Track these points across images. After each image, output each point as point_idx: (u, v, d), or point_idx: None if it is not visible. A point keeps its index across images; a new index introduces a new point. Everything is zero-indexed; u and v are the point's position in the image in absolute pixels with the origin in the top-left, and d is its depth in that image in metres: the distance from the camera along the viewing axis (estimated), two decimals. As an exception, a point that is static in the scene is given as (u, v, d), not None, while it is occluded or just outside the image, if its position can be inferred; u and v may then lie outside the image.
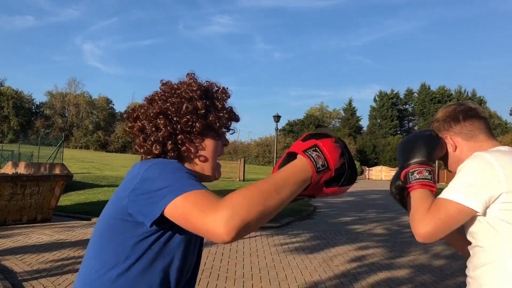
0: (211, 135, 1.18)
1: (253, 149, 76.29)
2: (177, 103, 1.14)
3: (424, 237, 1.24)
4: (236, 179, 26.61)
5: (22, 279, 4.92)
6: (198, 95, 1.16)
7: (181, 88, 1.17)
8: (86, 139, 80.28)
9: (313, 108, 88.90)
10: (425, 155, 1.40)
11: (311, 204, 14.56)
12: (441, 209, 1.23)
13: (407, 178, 1.38)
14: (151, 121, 1.14)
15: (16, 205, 8.78)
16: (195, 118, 1.14)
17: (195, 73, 1.23)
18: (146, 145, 1.14)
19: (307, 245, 7.46)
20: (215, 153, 1.20)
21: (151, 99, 1.18)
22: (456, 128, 1.45)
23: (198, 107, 1.14)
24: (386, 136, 74.31)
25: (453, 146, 1.45)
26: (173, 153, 1.13)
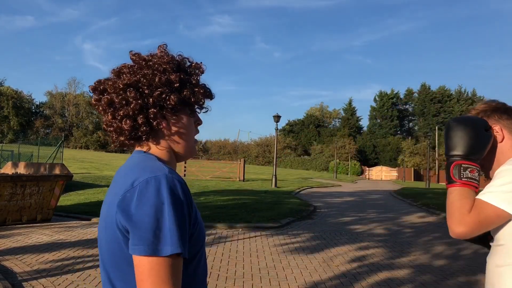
0: (185, 111, 1.12)
1: (253, 149, 76.27)
2: (149, 75, 1.06)
3: (460, 235, 1.26)
4: (236, 179, 26.59)
5: (22, 279, 4.91)
6: (171, 67, 1.09)
7: (153, 60, 1.09)
8: (86, 139, 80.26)
9: (313, 108, 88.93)
10: (481, 153, 1.37)
11: (311, 204, 14.56)
12: (482, 212, 1.25)
13: (458, 171, 1.34)
14: (120, 94, 1.05)
15: (16, 205, 8.77)
16: (168, 91, 1.07)
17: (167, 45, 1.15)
18: (115, 121, 1.07)
19: (307, 245, 7.45)
20: (190, 130, 1.14)
21: (119, 71, 1.09)
22: (506, 121, 1.43)
23: (172, 80, 1.07)
24: (386, 136, 74.29)
25: (501, 136, 1.42)
26: (144, 128, 1.06)
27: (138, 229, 0.92)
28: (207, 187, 19.52)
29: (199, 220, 1.08)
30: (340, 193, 22.58)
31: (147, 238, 0.91)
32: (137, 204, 0.94)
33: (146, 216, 0.92)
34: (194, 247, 1.04)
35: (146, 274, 0.91)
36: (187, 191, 1.00)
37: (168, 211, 0.93)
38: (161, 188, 0.95)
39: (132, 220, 0.93)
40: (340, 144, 62.89)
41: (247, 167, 37.91)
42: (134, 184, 0.96)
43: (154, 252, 0.91)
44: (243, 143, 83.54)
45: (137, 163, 1.06)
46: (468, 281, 5.44)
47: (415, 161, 60.99)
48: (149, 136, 1.09)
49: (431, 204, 15.28)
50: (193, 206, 1.03)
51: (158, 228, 0.91)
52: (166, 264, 0.91)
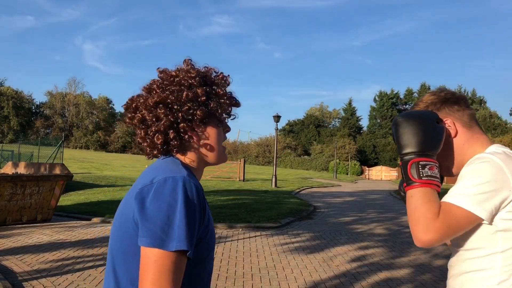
0: (213, 122, 1.17)
1: (253, 149, 76.26)
2: (176, 91, 1.12)
3: (428, 244, 1.13)
4: (236, 179, 26.59)
5: (22, 279, 4.91)
6: (198, 81, 1.13)
7: (179, 76, 1.14)
8: (86, 139, 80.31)
9: (313, 108, 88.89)
10: (437, 147, 1.23)
11: (311, 204, 14.56)
12: (451, 217, 1.13)
13: (416, 170, 1.20)
14: (151, 111, 1.11)
15: (16, 205, 8.78)
16: (196, 105, 1.12)
17: (192, 59, 1.20)
18: (148, 137, 1.13)
19: (307, 245, 7.45)
20: (218, 140, 1.19)
21: (149, 88, 1.15)
22: (457, 113, 1.31)
23: (198, 94, 1.12)
24: (386, 136, 74.25)
25: (454, 131, 1.30)
26: (176, 142, 1.12)
27: (149, 222, 0.98)
28: (207, 187, 19.52)
29: (211, 228, 1.12)
30: (340, 193, 22.58)
31: (156, 232, 0.96)
32: (152, 199, 0.99)
33: (158, 211, 0.98)
34: (202, 252, 1.08)
35: (150, 266, 0.95)
36: (202, 196, 1.05)
37: (180, 210, 0.97)
38: (177, 188, 1.00)
39: (144, 213, 0.99)
40: (340, 144, 62.87)
41: (247, 167, 37.91)
42: (153, 181, 1.03)
43: (160, 246, 0.95)
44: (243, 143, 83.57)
45: (161, 164, 1.12)
46: (468, 281, 5.44)
47: (415, 161, 60.91)
48: (179, 148, 1.15)
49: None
50: (207, 212, 1.08)
51: (168, 224, 0.96)
52: (169, 258, 0.96)
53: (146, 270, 0.96)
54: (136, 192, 1.03)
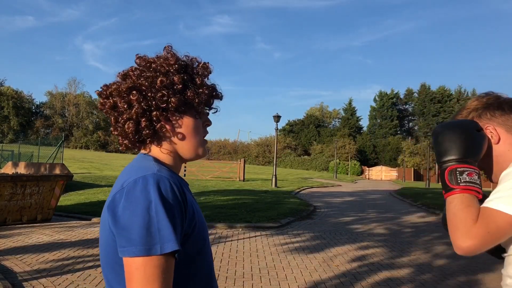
0: (190, 113, 1.10)
1: (253, 149, 76.30)
2: (151, 77, 1.06)
3: (468, 251, 1.07)
4: (236, 179, 26.58)
5: (22, 279, 4.91)
6: (175, 69, 1.08)
7: (157, 62, 1.08)
8: (86, 139, 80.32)
9: (313, 108, 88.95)
10: (477, 154, 1.20)
11: (311, 204, 14.56)
12: (490, 222, 1.07)
13: (454, 177, 1.16)
14: (123, 98, 1.06)
15: (16, 205, 8.77)
16: (171, 93, 1.06)
17: (172, 46, 1.14)
18: (118, 124, 1.07)
19: (307, 245, 7.45)
20: (195, 131, 1.12)
21: (125, 75, 1.09)
22: (500, 118, 1.25)
23: (174, 81, 1.06)
24: (386, 136, 74.28)
25: (497, 137, 1.24)
26: (147, 131, 1.06)
27: (124, 230, 0.91)
28: (207, 187, 19.51)
29: (198, 220, 1.05)
30: (340, 193, 22.58)
31: (134, 239, 0.90)
32: (124, 205, 0.93)
33: (132, 216, 0.91)
34: (191, 249, 1.02)
35: (134, 275, 0.90)
36: (179, 189, 0.98)
37: (155, 210, 0.91)
38: (148, 186, 0.93)
39: (118, 222, 0.93)
40: (340, 144, 62.88)
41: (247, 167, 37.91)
42: (124, 185, 0.96)
43: (142, 252, 0.89)
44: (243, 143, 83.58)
45: (133, 164, 1.06)
46: (468, 280, 5.44)
47: (415, 161, 61.01)
48: (153, 139, 1.09)
49: (431, 204, 15.28)
50: (189, 205, 1.01)
51: (145, 228, 0.90)
52: (154, 263, 0.90)
53: (131, 280, 0.90)
54: (108, 202, 0.98)
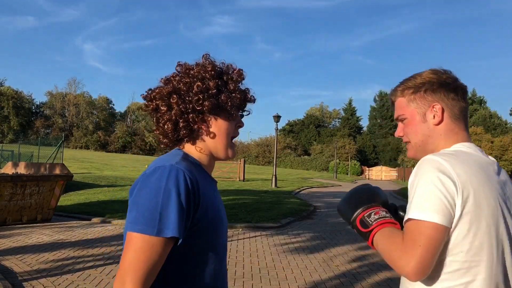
0: (223, 115, 1.20)
1: (253, 149, 76.26)
2: (189, 83, 1.17)
3: (415, 272, 1.03)
4: (236, 179, 26.59)
5: (22, 279, 4.92)
6: (211, 75, 1.18)
7: (195, 69, 1.20)
8: (86, 139, 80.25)
9: (313, 108, 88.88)
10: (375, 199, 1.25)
11: (311, 204, 14.57)
12: (416, 235, 1.04)
13: (365, 222, 1.19)
14: (164, 101, 1.17)
15: (16, 205, 8.78)
16: (206, 97, 1.16)
17: (210, 54, 1.25)
18: (160, 125, 1.19)
19: (307, 245, 7.45)
20: (227, 132, 1.22)
21: (167, 80, 1.22)
22: (451, 102, 1.23)
23: (209, 86, 1.17)
24: (386, 136, 74.26)
25: (439, 119, 1.22)
26: (185, 131, 1.17)
27: (133, 209, 1.04)
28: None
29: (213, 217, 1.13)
30: (340, 193, 22.58)
31: (138, 218, 1.01)
32: (139, 187, 1.05)
33: (142, 198, 1.03)
34: (199, 239, 1.10)
35: (128, 248, 1.00)
36: (192, 182, 1.06)
37: (163, 196, 1.01)
38: (163, 175, 1.04)
39: (131, 200, 1.06)
40: (340, 144, 62.88)
41: (247, 167, 37.88)
42: (146, 171, 1.09)
43: (141, 230, 0.99)
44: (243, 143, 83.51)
45: (163, 156, 1.18)
46: (468, 281, 5.44)
47: (415, 161, 60.92)
48: (189, 138, 1.21)
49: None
50: (203, 199, 1.09)
51: (151, 210, 1.00)
52: (148, 243, 0.99)
53: (125, 253, 1.00)
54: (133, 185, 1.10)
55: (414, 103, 1.27)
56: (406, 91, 1.29)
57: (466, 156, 1.16)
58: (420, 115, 1.25)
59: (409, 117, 1.28)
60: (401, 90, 1.31)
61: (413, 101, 1.27)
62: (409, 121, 1.28)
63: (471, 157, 1.17)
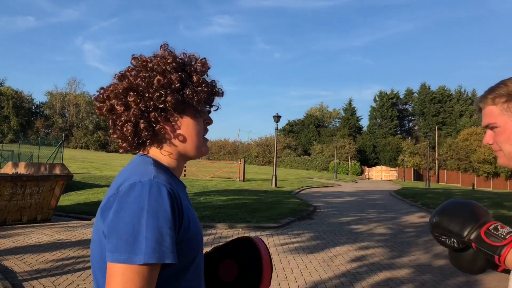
0: (190, 112, 1.07)
1: (253, 149, 76.27)
2: (148, 77, 1.03)
3: None
4: (236, 179, 26.58)
5: (22, 279, 4.91)
6: (173, 67, 1.04)
7: (153, 61, 1.05)
8: (86, 139, 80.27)
9: (313, 108, 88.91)
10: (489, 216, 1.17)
11: (311, 204, 14.56)
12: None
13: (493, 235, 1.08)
14: (120, 99, 1.03)
15: (16, 205, 8.78)
16: (169, 92, 1.03)
17: (168, 44, 1.11)
18: (117, 127, 1.04)
19: (307, 245, 7.45)
20: (196, 130, 1.09)
21: (122, 75, 1.07)
22: None
23: (172, 80, 1.03)
24: (386, 136, 74.24)
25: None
26: (146, 133, 1.03)
27: (113, 236, 0.90)
28: (207, 187, 19.51)
29: (193, 230, 1.02)
30: (340, 193, 22.57)
31: (120, 245, 0.88)
32: (116, 210, 0.91)
33: (122, 223, 0.90)
34: (186, 255, 1.00)
35: (112, 279, 0.88)
36: (175, 197, 0.96)
37: (146, 219, 0.89)
38: (142, 194, 0.91)
39: (109, 226, 0.91)
40: (340, 144, 62.87)
41: (247, 167, 37.89)
42: (119, 189, 0.95)
43: (126, 260, 0.87)
44: (243, 143, 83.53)
45: (131, 166, 1.04)
46: (467, 281, 5.44)
47: (415, 161, 60.98)
48: (152, 141, 1.07)
49: (431, 204, 15.28)
50: (184, 212, 0.98)
51: (133, 236, 0.88)
52: (137, 272, 0.88)
53: (109, 286, 0.88)
54: (102, 204, 0.97)
55: (507, 112, 1.24)
56: (497, 99, 1.26)
57: None
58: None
59: (502, 126, 1.25)
60: (492, 98, 1.28)
61: (507, 110, 1.24)
62: (501, 130, 1.25)
63: None
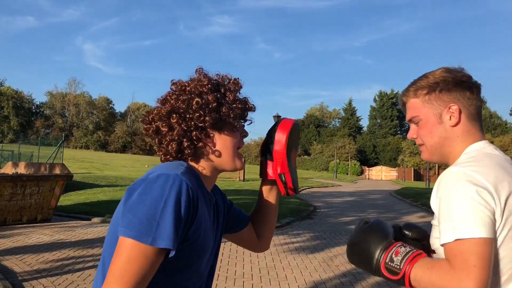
0: (227, 128, 1.17)
1: (253, 149, 76.23)
2: (187, 100, 1.14)
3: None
4: (236, 179, 26.59)
5: (22, 279, 4.92)
6: (208, 89, 1.15)
7: (191, 85, 1.16)
8: (86, 139, 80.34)
9: (313, 108, 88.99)
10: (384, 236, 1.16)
11: (311, 204, 14.57)
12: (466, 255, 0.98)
13: (392, 269, 1.10)
14: (164, 121, 1.14)
15: (16, 205, 8.77)
16: (207, 112, 1.13)
17: (203, 68, 1.22)
18: (162, 146, 1.15)
19: (307, 245, 7.45)
20: (233, 145, 1.19)
21: (164, 100, 1.18)
22: (467, 101, 1.18)
23: (209, 101, 1.13)
24: (386, 136, 74.27)
25: (456, 120, 1.17)
26: (189, 151, 1.13)
27: (129, 213, 0.98)
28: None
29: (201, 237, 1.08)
30: (340, 193, 22.58)
31: (133, 223, 0.96)
32: (140, 192, 1.00)
33: (141, 204, 0.98)
34: (188, 256, 1.06)
35: (120, 252, 0.95)
36: (194, 195, 1.03)
37: (164, 207, 0.97)
38: (167, 184, 0.99)
39: (128, 204, 0.99)
40: (340, 144, 62.88)
41: (247, 167, 37.86)
42: (148, 176, 1.03)
43: (136, 237, 0.95)
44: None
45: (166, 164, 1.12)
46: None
47: (415, 161, 60.98)
48: (193, 157, 1.16)
49: (431, 204, 15.27)
50: (198, 216, 1.05)
51: (147, 218, 0.96)
52: (141, 251, 0.95)
53: (116, 257, 0.95)
54: (130, 186, 1.04)
55: (428, 104, 1.21)
56: (419, 91, 1.23)
57: (488, 159, 1.12)
58: (436, 116, 1.20)
59: (424, 118, 1.22)
60: (413, 90, 1.25)
61: (428, 102, 1.21)
62: (423, 123, 1.22)
63: (492, 159, 1.12)
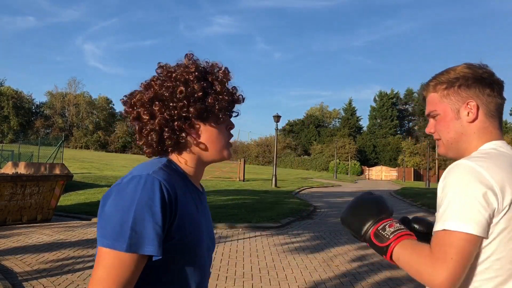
0: (213, 119, 1.10)
1: (253, 149, 76.32)
2: (172, 87, 1.06)
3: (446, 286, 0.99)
4: (236, 179, 26.59)
5: (22, 279, 4.91)
6: (195, 77, 1.08)
7: (177, 71, 1.09)
8: (86, 139, 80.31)
9: (313, 108, 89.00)
10: (385, 210, 1.20)
11: (311, 204, 14.57)
12: (447, 246, 1.00)
13: (380, 236, 1.14)
14: (146, 108, 1.07)
15: (16, 205, 8.77)
16: (192, 102, 1.06)
17: (194, 53, 1.14)
18: (143, 134, 1.09)
19: (307, 245, 7.45)
20: (218, 137, 1.12)
21: (148, 85, 1.10)
22: (487, 98, 1.17)
23: (195, 90, 1.06)
24: (386, 136, 74.28)
25: (474, 116, 1.17)
26: (170, 141, 1.07)
27: (103, 221, 0.96)
28: (207, 187, 19.52)
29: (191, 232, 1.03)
30: (340, 193, 22.58)
31: (107, 231, 0.94)
32: (112, 199, 0.97)
33: (114, 211, 0.95)
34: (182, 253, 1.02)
35: (98, 263, 0.94)
36: (170, 193, 0.98)
37: (134, 210, 0.93)
38: (138, 186, 0.96)
39: (102, 212, 0.97)
40: (340, 144, 62.89)
41: (247, 167, 37.86)
42: (123, 180, 1.00)
43: (110, 246, 0.93)
44: (243, 143, 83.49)
45: (144, 163, 1.08)
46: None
47: (415, 161, 61.01)
48: (174, 148, 1.10)
49: (431, 204, 15.26)
50: (179, 210, 1.00)
51: (120, 224, 0.93)
52: (120, 259, 0.92)
53: (95, 267, 0.94)
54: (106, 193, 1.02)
55: (447, 99, 1.21)
56: (438, 86, 1.23)
57: (500, 157, 1.10)
58: (454, 111, 1.19)
59: (442, 113, 1.21)
60: (433, 85, 1.25)
61: (446, 96, 1.21)
62: (441, 117, 1.22)
63: (506, 159, 1.10)
